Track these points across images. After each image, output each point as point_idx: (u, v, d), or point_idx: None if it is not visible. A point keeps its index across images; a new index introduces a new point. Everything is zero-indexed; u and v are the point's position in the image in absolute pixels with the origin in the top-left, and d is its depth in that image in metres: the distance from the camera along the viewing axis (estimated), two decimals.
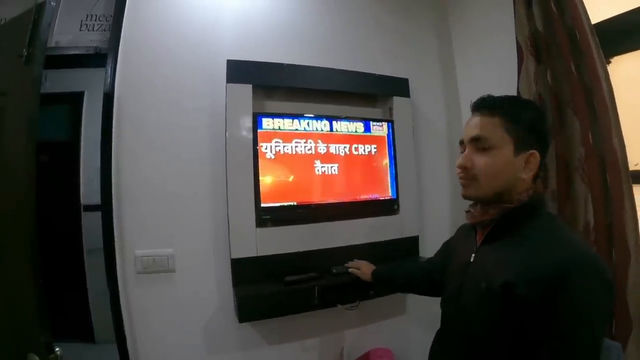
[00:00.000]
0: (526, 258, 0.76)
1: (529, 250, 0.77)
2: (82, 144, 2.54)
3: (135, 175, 1.47)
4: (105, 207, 1.44)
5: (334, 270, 1.56)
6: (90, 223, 2.47)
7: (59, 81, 2.47)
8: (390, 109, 1.85)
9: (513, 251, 0.80)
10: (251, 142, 1.53)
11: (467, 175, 0.88)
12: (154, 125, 1.51)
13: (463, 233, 1.08)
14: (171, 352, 1.48)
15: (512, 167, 0.85)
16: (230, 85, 1.52)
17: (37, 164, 1.05)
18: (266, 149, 1.57)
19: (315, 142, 1.67)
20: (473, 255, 0.91)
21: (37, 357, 0.92)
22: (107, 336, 1.45)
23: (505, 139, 0.85)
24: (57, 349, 0.93)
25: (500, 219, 0.85)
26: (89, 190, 2.50)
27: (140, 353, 1.44)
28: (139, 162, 1.48)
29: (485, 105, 0.89)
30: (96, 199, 1.47)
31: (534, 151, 0.85)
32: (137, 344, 1.44)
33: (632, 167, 1.37)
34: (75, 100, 2.58)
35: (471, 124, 0.90)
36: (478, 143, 0.87)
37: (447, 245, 1.21)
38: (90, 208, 2.49)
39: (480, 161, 0.86)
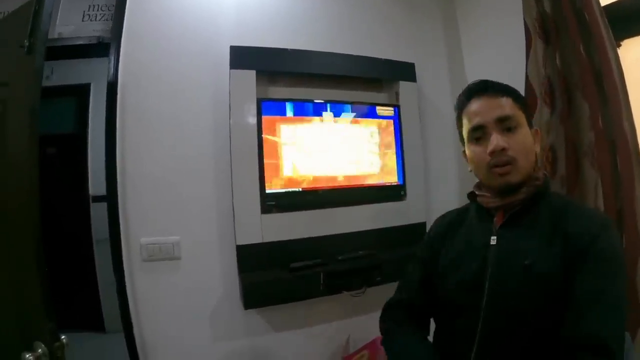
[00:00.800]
0: (566, 233, 0.78)
1: (565, 223, 0.79)
2: (89, 135, 2.57)
3: (140, 163, 1.48)
4: (110, 196, 1.44)
5: (340, 257, 1.55)
6: (99, 213, 2.47)
7: (65, 74, 2.49)
8: (397, 94, 1.83)
9: (547, 228, 0.81)
10: (255, 128, 1.53)
11: (504, 159, 0.83)
12: (158, 114, 1.51)
13: (454, 222, 1.02)
14: (177, 339, 1.49)
15: (533, 143, 0.88)
16: (234, 71, 1.51)
17: (44, 157, 1.04)
18: (271, 134, 1.56)
19: (321, 128, 1.66)
20: (493, 238, 0.86)
21: (42, 345, 0.92)
22: (117, 326, 1.47)
23: (522, 117, 0.87)
24: (62, 337, 0.94)
25: (530, 197, 0.85)
26: (97, 181, 2.52)
27: (147, 340, 1.45)
28: (144, 150, 1.49)
29: (494, 87, 0.88)
30: (104, 190, 1.48)
31: (537, 129, 0.92)
32: (143, 331, 1.45)
33: None
34: (82, 92, 2.59)
35: (490, 105, 0.86)
36: (506, 122, 0.84)
37: (427, 249, 1.05)
38: (98, 199, 2.50)
39: (514, 141, 0.83)
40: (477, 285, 0.84)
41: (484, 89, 0.89)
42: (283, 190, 1.57)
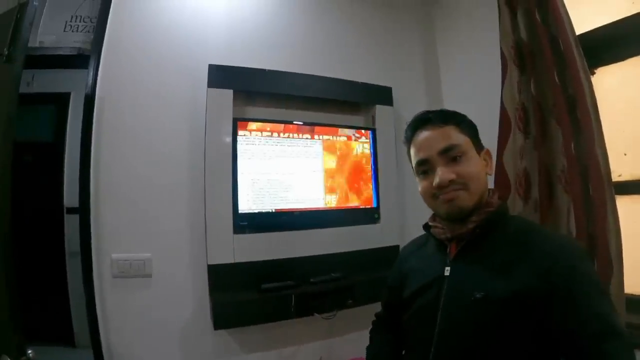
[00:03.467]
0: (526, 258, 0.75)
1: (524, 250, 0.76)
2: (66, 145, 2.53)
3: (114, 177, 1.46)
4: (82, 208, 1.42)
5: (312, 279, 1.54)
6: (73, 225, 2.42)
7: (46, 82, 2.45)
8: (373, 117, 1.84)
9: (505, 255, 0.78)
10: (230, 147, 1.52)
11: (455, 187, 0.82)
12: (134, 128, 1.50)
13: (414, 251, 1.04)
14: (147, 357, 1.46)
15: (483, 167, 0.88)
16: (211, 90, 1.51)
17: (21, 164, 1.02)
18: (245, 154, 1.56)
19: (296, 149, 1.66)
20: (447, 269, 0.85)
21: (8, 359, 0.90)
22: (88, 340, 1.43)
23: (468, 142, 0.86)
24: (29, 351, 0.92)
25: (481, 225, 0.82)
26: (72, 192, 2.47)
27: (116, 358, 1.41)
28: (119, 165, 1.47)
29: (437, 117, 0.88)
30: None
31: (487, 148, 0.92)
32: (112, 349, 1.41)
33: (615, 179, 1.36)
34: (61, 101, 2.55)
35: (433, 137, 0.86)
36: (450, 152, 0.83)
37: (396, 278, 1.04)
38: (72, 210, 2.46)
39: (462, 169, 0.82)
40: (431, 318, 0.82)
41: (427, 120, 0.89)
42: (256, 211, 1.56)
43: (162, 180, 1.52)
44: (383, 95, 1.86)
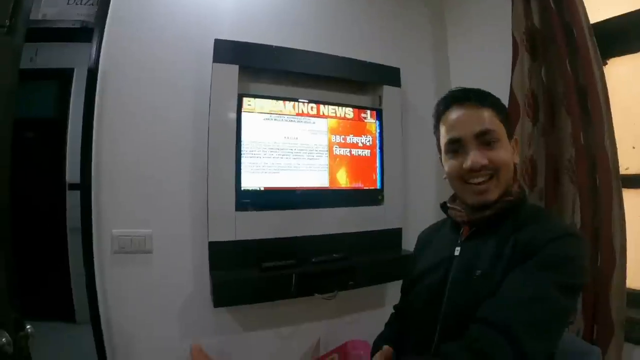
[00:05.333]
0: (518, 239, 0.76)
1: (522, 233, 0.77)
2: (69, 121, 2.52)
3: (116, 153, 1.44)
4: (84, 184, 1.41)
5: (313, 259, 1.54)
6: (75, 201, 2.42)
7: (49, 57, 2.42)
8: (380, 98, 1.82)
9: (507, 239, 0.78)
10: (234, 123, 1.50)
11: (486, 172, 0.80)
12: (137, 103, 1.48)
13: (431, 233, 1.05)
14: (146, 334, 1.46)
15: (512, 155, 0.85)
16: (217, 65, 1.48)
17: (23, 140, 1.00)
18: (250, 130, 1.54)
19: (301, 126, 1.65)
20: (458, 249, 0.86)
21: (6, 334, 0.90)
22: (88, 316, 1.43)
23: (502, 128, 0.83)
24: (28, 327, 0.91)
25: (497, 212, 0.82)
26: (74, 168, 2.47)
27: (115, 333, 1.42)
28: (121, 139, 1.45)
29: (476, 97, 0.84)
30: None
31: (516, 137, 0.90)
32: (111, 324, 1.42)
33: (622, 171, 1.35)
34: (65, 76, 2.53)
35: (469, 117, 0.82)
36: (486, 137, 0.80)
37: (413, 259, 1.07)
38: (74, 186, 2.45)
39: (495, 155, 0.80)
40: (437, 296, 0.83)
41: (465, 98, 0.84)
42: (259, 188, 1.55)
43: (164, 155, 1.50)
44: (391, 75, 1.83)
